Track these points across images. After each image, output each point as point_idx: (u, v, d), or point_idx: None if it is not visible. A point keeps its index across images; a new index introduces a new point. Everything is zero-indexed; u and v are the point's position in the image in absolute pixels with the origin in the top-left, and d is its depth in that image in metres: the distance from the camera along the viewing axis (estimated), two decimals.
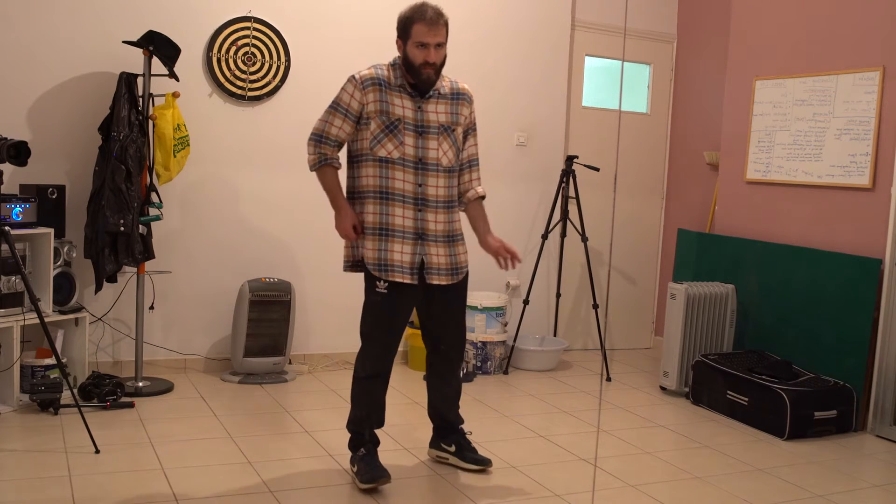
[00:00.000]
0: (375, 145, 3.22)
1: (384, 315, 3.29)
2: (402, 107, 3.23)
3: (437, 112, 3.28)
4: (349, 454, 3.42)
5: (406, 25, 3.22)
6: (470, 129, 3.44)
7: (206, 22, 4.76)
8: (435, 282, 3.31)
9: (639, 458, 3.81)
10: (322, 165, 3.30)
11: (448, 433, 3.58)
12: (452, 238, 3.36)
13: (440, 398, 3.56)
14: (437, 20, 3.18)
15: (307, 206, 5.09)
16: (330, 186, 3.31)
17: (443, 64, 3.26)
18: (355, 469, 3.30)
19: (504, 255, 3.43)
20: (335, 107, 3.27)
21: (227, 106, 4.87)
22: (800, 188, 4.81)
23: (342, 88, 3.27)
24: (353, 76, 3.27)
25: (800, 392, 4.20)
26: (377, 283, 3.25)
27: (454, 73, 3.58)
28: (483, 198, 3.50)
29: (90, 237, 4.30)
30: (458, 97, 3.35)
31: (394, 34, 5.17)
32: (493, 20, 5.53)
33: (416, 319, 5.23)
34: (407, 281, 3.26)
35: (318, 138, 3.28)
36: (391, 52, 5.20)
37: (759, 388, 4.30)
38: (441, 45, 3.21)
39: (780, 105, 4.92)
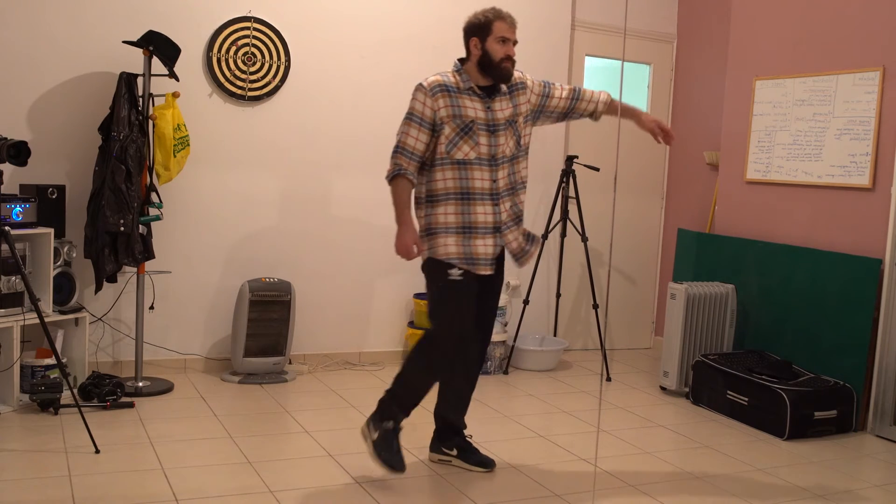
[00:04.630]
0: (452, 149, 3.31)
1: (463, 299, 3.34)
2: (474, 108, 3.34)
3: (502, 109, 3.40)
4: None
5: (486, 24, 3.35)
6: (545, 92, 3.54)
7: (206, 22, 4.76)
8: (525, 265, 3.52)
9: (639, 458, 3.81)
10: (395, 176, 3.31)
11: (449, 436, 3.58)
12: (518, 220, 3.49)
13: (455, 398, 3.58)
14: (513, 19, 3.39)
15: (307, 206, 5.10)
16: (400, 200, 3.32)
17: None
18: (374, 437, 3.28)
19: (658, 133, 3.59)
20: (409, 117, 3.33)
21: (227, 106, 4.87)
22: (800, 188, 4.81)
23: (413, 98, 3.33)
24: (420, 84, 3.33)
25: (800, 392, 4.20)
26: (450, 271, 3.29)
27: None
28: (609, 97, 3.63)
29: (90, 237, 4.30)
30: (513, 89, 3.45)
31: (393, 34, 5.22)
32: None
33: (416, 319, 5.25)
34: (489, 272, 3.37)
35: (396, 149, 3.33)
36: (392, 52, 5.24)
37: (759, 388, 4.30)
38: (515, 44, 3.38)
39: (780, 105, 4.92)
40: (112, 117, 4.29)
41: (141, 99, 4.38)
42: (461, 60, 3.42)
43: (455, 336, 3.36)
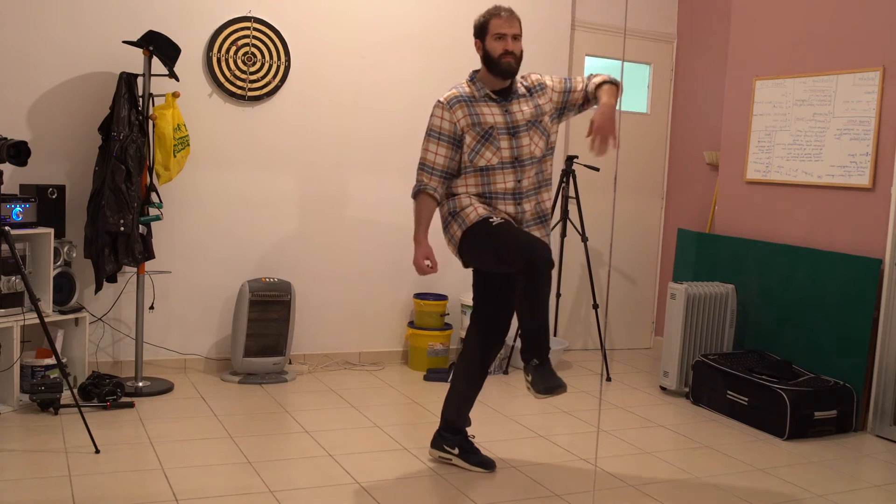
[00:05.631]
0: (475, 157, 3.34)
1: (511, 228, 3.25)
2: (492, 114, 3.37)
3: (521, 111, 3.41)
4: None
5: (483, 24, 3.41)
6: (566, 88, 3.49)
7: (205, 22, 4.76)
8: None
9: (639, 458, 3.81)
10: (417, 192, 3.36)
11: (452, 434, 3.58)
12: (542, 219, 3.48)
13: (460, 400, 3.58)
14: (511, 14, 3.40)
15: (307, 206, 5.09)
16: (417, 217, 3.36)
17: (521, 57, 3.38)
18: (531, 378, 3.18)
19: (597, 137, 3.25)
20: (428, 133, 3.37)
21: (227, 106, 4.87)
22: (800, 188, 4.81)
23: (431, 115, 3.38)
24: (438, 100, 3.39)
25: (800, 392, 4.20)
26: (490, 220, 3.25)
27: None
28: (601, 80, 3.45)
29: (90, 237, 4.30)
30: (533, 90, 3.47)
31: (393, 34, 5.22)
32: None
33: (416, 319, 5.25)
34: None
35: (419, 166, 3.37)
36: (392, 52, 5.24)
37: (759, 388, 4.30)
38: (517, 38, 3.38)
39: (780, 105, 4.92)
40: (112, 117, 4.29)
41: (141, 99, 4.38)
42: (477, 70, 3.47)
43: (533, 254, 3.13)
